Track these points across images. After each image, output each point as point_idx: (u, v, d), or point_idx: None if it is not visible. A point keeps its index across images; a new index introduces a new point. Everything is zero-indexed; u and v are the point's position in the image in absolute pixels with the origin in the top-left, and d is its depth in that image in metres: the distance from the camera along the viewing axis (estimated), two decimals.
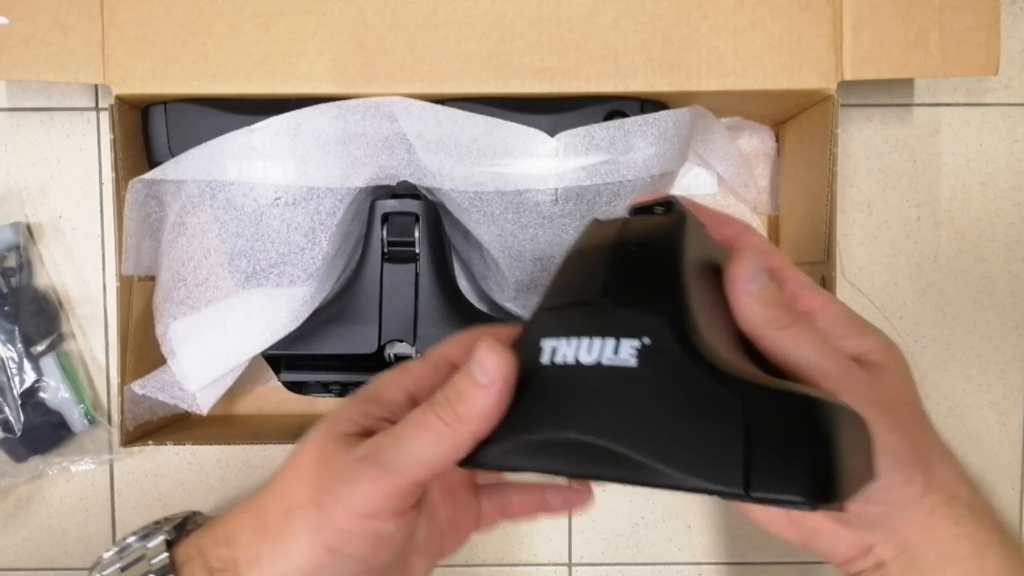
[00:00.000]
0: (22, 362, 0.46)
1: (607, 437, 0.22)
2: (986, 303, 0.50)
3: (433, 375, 0.27)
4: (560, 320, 0.25)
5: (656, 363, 0.22)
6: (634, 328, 0.23)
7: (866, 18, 0.39)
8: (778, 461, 0.20)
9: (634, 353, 0.23)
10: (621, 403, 0.22)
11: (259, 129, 0.39)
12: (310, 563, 0.24)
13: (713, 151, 0.46)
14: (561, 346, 0.24)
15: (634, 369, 0.23)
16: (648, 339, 0.23)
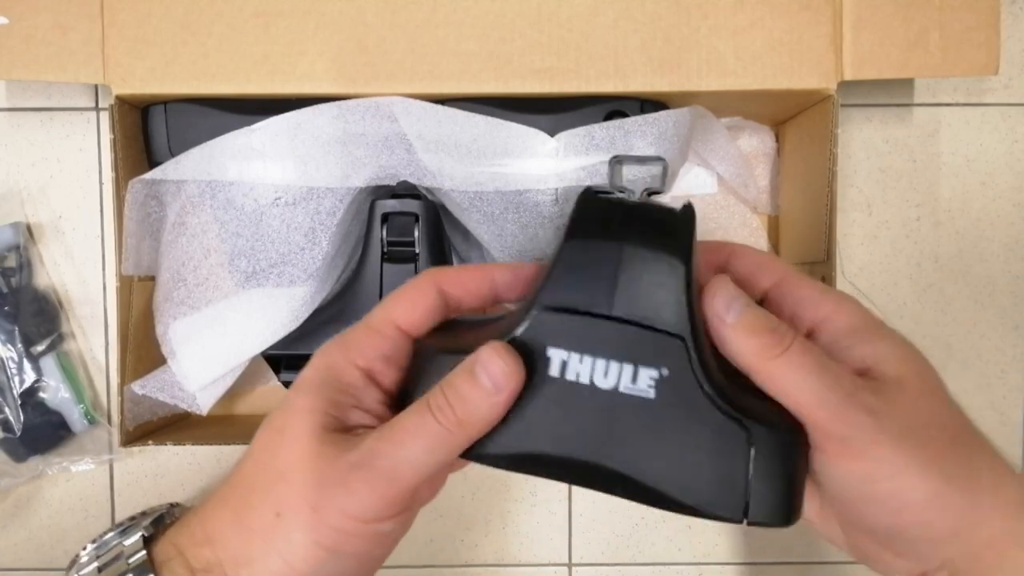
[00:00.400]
0: (22, 362, 0.46)
1: (618, 463, 0.23)
2: (986, 303, 0.50)
3: (381, 344, 0.25)
4: (570, 330, 0.24)
5: (672, 395, 0.23)
6: (652, 355, 0.24)
7: (866, 18, 0.39)
8: (768, 493, 0.23)
9: (652, 384, 0.24)
10: (636, 432, 0.23)
11: (259, 129, 0.39)
12: (308, 563, 0.23)
13: (713, 151, 0.46)
14: (573, 362, 0.24)
15: (651, 400, 0.24)
16: (666, 370, 0.24)
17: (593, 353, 0.24)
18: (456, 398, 0.23)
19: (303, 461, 0.23)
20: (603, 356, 0.24)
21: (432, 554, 0.51)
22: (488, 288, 0.27)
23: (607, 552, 0.51)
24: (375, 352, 0.25)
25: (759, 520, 0.23)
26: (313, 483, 0.23)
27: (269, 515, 0.23)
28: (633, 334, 0.24)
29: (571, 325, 0.24)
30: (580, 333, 0.24)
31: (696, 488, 0.23)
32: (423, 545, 0.51)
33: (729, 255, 0.27)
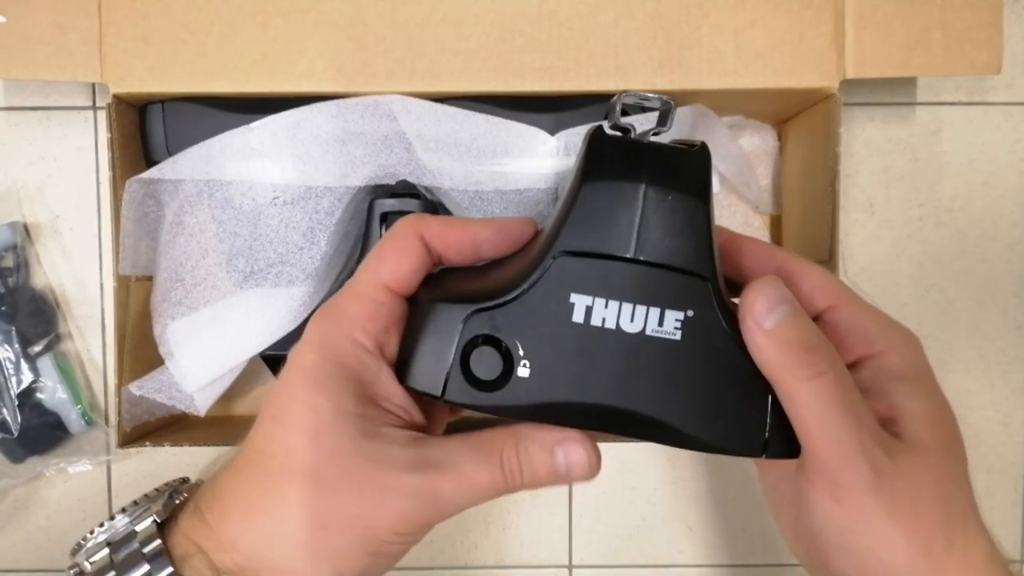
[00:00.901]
0: (19, 362, 0.46)
1: (649, 407, 0.24)
2: (989, 303, 0.50)
3: (378, 314, 0.24)
4: (592, 275, 0.24)
5: (698, 337, 0.24)
6: (678, 297, 0.23)
7: (868, 17, 0.39)
8: (784, 430, 0.24)
9: (679, 326, 0.23)
10: (663, 375, 0.23)
11: (257, 128, 0.39)
12: (356, 570, 0.24)
13: (715, 150, 0.45)
14: (598, 307, 0.24)
15: (678, 342, 0.23)
16: (692, 311, 0.23)
17: (619, 297, 0.23)
18: (529, 472, 0.24)
19: (348, 478, 0.23)
20: (629, 300, 0.23)
21: (432, 556, 0.51)
22: (471, 245, 0.26)
23: (607, 554, 0.51)
24: (375, 325, 0.24)
25: (776, 454, 0.24)
26: (364, 502, 0.23)
27: (312, 527, 0.23)
28: (657, 276, 0.23)
29: (593, 269, 0.24)
30: (603, 277, 0.24)
31: (720, 427, 0.24)
32: (423, 546, 0.50)
33: (778, 266, 0.26)
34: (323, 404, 0.23)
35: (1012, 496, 0.50)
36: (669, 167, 0.24)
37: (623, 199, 0.24)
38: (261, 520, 0.24)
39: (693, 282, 0.23)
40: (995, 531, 0.50)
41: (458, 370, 0.24)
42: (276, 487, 0.23)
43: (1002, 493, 0.50)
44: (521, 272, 0.24)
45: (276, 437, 0.24)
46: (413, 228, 0.25)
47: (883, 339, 0.24)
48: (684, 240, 0.23)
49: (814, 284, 0.25)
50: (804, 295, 0.25)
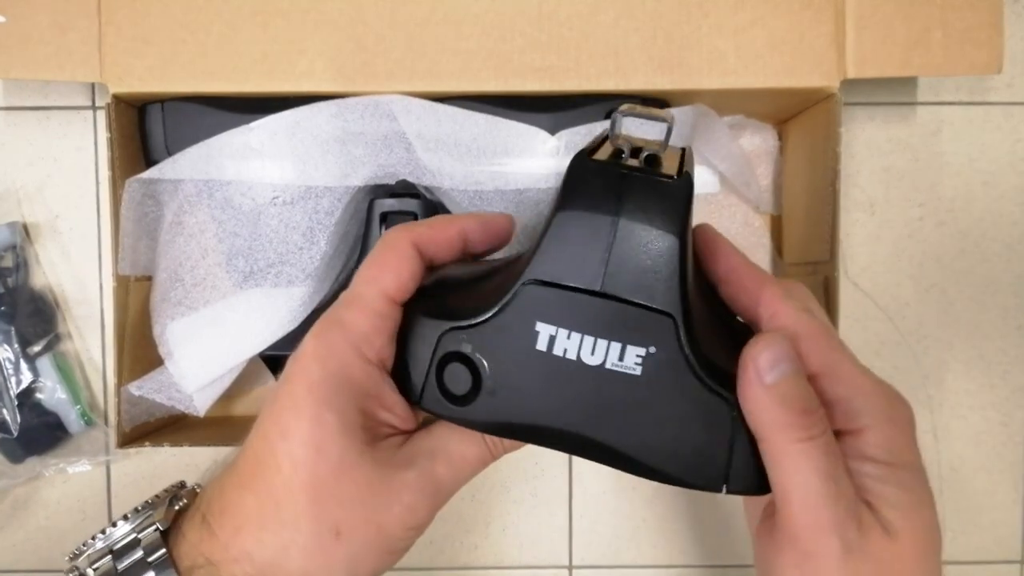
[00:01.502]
0: (18, 363, 0.46)
1: (603, 434, 0.24)
2: (989, 303, 0.50)
3: (384, 326, 0.25)
4: (559, 306, 0.24)
5: (659, 372, 0.24)
6: (640, 334, 0.23)
7: (868, 16, 0.39)
8: (747, 464, 0.24)
9: (639, 361, 0.24)
10: (622, 406, 0.24)
11: (257, 128, 0.39)
12: (372, 570, 0.25)
13: (715, 150, 0.46)
14: (561, 337, 0.24)
15: (637, 376, 0.24)
16: (654, 348, 0.24)
17: (581, 330, 0.24)
18: (510, 443, 0.27)
19: (357, 484, 0.24)
20: (591, 333, 0.24)
21: (432, 556, 0.51)
22: (459, 242, 0.27)
23: (608, 554, 0.51)
24: (380, 338, 0.25)
25: (738, 490, 0.24)
26: (374, 505, 0.24)
27: (325, 535, 0.24)
28: (622, 312, 0.23)
29: (559, 300, 0.24)
30: (568, 309, 0.24)
31: (679, 459, 0.24)
32: (423, 547, 0.51)
33: (771, 315, 0.25)
34: (329, 418, 0.24)
35: (1012, 496, 0.50)
36: (646, 199, 0.24)
37: (595, 231, 0.24)
38: (274, 532, 0.24)
39: (658, 319, 0.23)
40: (995, 531, 0.50)
41: (433, 382, 0.25)
42: (287, 499, 0.24)
43: (1002, 493, 0.50)
44: (495, 294, 0.25)
45: (283, 451, 0.24)
46: (406, 236, 0.26)
47: (867, 415, 0.23)
48: (653, 277, 0.23)
49: (806, 346, 0.24)
50: (822, 362, 0.24)
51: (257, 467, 0.25)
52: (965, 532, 0.50)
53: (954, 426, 0.50)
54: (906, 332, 0.50)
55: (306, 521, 0.24)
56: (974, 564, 0.50)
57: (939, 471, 0.50)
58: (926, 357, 0.50)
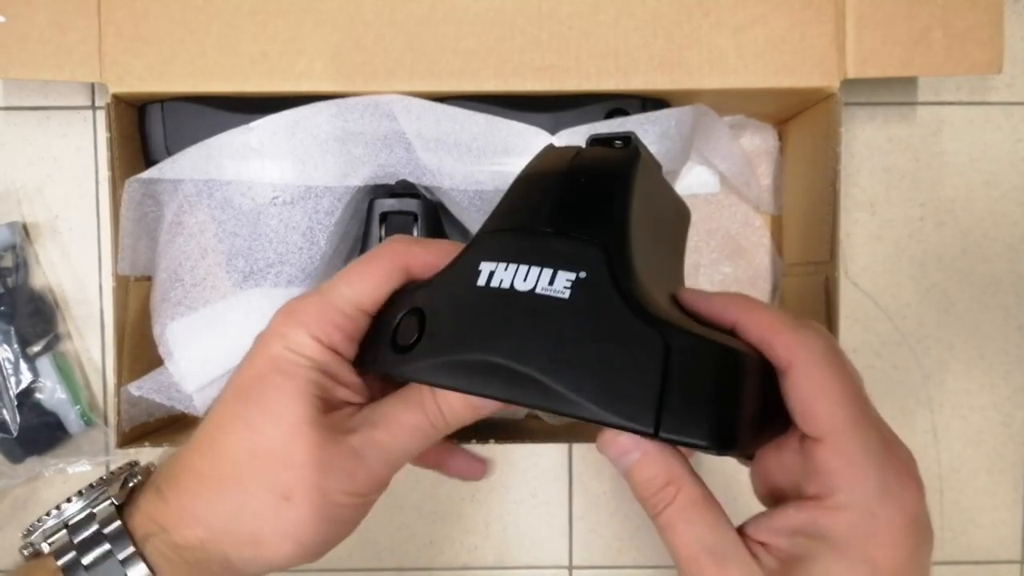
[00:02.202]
0: (18, 363, 0.46)
1: (531, 365, 0.23)
2: (990, 303, 0.50)
3: (346, 326, 0.26)
4: (501, 244, 0.25)
5: (588, 297, 0.23)
6: (572, 260, 0.23)
7: (869, 16, 0.39)
8: (688, 406, 0.21)
9: (569, 285, 0.23)
10: (549, 333, 0.23)
11: (257, 128, 0.38)
12: (316, 537, 0.25)
13: (715, 150, 0.46)
14: (499, 271, 0.24)
15: (566, 301, 0.23)
16: (584, 272, 0.23)
17: (517, 260, 0.24)
18: (448, 410, 0.26)
19: (308, 449, 0.25)
20: (525, 262, 0.24)
21: (432, 556, 0.51)
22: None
23: (608, 555, 0.51)
24: (341, 335, 0.26)
25: (672, 435, 0.21)
26: (321, 469, 0.25)
27: (275, 499, 0.25)
28: (558, 242, 0.24)
29: (503, 240, 0.25)
30: (509, 246, 0.25)
31: (607, 396, 0.22)
32: (423, 547, 0.50)
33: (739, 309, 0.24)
34: (287, 386, 0.25)
35: (1012, 496, 0.50)
36: (594, 158, 0.26)
37: (545, 187, 0.25)
38: (224, 494, 0.25)
39: (591, 248, 0.23)
40: (995, 531, 0.50)
41: (388, 342, 0.26)
42: (240, 462, 0.25)
43: (1002, 493, 0.50)
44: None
45: (240, 415, 0.25)
46: (397, 257, 0.27)
47: (846, 492, 0.22)
48: (590, 213, 0.24)
49: (821, 411, 0.22)
50: (810, 415, 0.23)
51: (215, 432, 0.26)
52: (965, 532, 0.50)
53: (955, 426, 0.50)
54: (906, 332, 0.50)
55: (256, 484, 0.25)
56: (974, 564, 0.50)
57: (939, 471, 0.50)
58: (926, 357, 0.50)
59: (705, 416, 0.21)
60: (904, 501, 0.22)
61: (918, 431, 0.50)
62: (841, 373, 0.23)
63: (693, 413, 0.21)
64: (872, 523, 0.21)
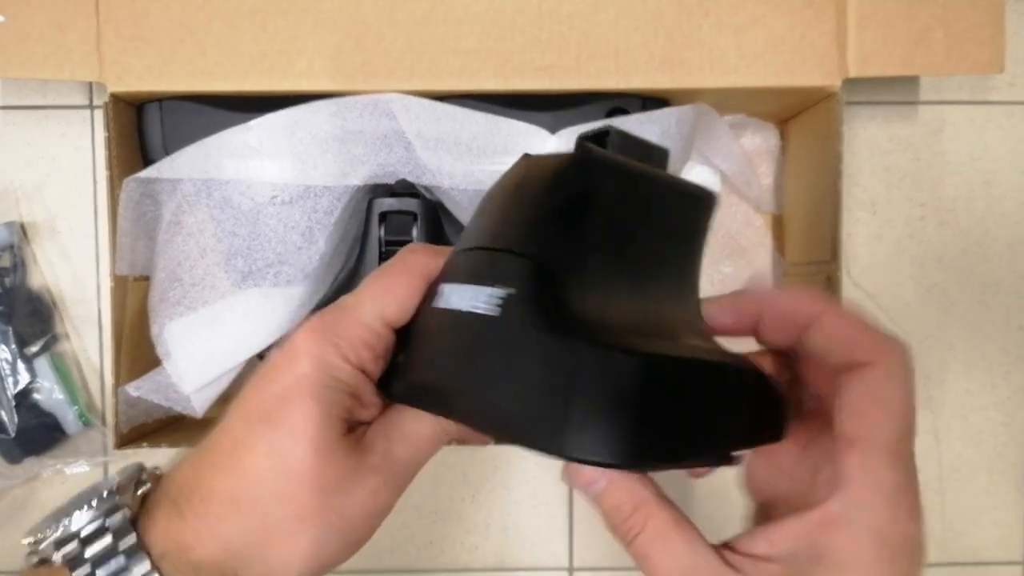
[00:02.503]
0: (16, 363, 0.46)
1: (468, 387, 0.23)
2: (990, 303, 0.50)
3: (376, 344, 0.26)
4: (456, 264, 0.25)
5: (514, 314, 0.22)
6: (504, 277, 0.23)
7: (870, 15, 0.39)
8: (591, 423, 0.20)
9: (499, 303, 0.22)
10: (480, 353, 0.22)
11: (256, 127, 0.38)
12: (333, 556, 0.25)
13: (716, 149, 0.46)
14: (447, 290, 0.24)
15: (495, 319, 0.22)
16: (513, 289, 0.22)
17: (460, 280, 0.24)
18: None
19: (326, 469, 0.24)
20: (466, 281, 0.24)
21: (432, 557, 0.51)
22: None
23: (608, 556, 0.50)
24: (370, 353, 0.26)
25: (577, 455, 0.20)
26: (346, 493, 0.25)
27: (291, 520, 0.24)
28: (497, 259, 0.23)
29: (460, 260, 0.25)
30: (461, 266, 0.25)
31: (522, 418, 0.21)
32: (423, 548, 0.50)
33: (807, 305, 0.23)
34: (315, 410, 0.24)
35: (1013, 496, 0.50)
36: (536, 168, 0.25)
37: (494, 200, 0.26)
38: (246, 515, 0.24)
39: (521, 262, 0.23)
40: (995, 531, 0.50)
41: (391, 362, 0.26)
42: (263, 485, 0.24)
43: (1003, 493, 0.50)
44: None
45: (263, 435, 0.25)
46: (420, 269, 0.26)
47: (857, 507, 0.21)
48: (524, 227, 0.24)
49: (875, 417, 0.22)
50: (862, 416, 0.22)
51: (234, 449, 0.25)
52: (965, 532, 0.50)
53: (955, 426, 0.50)
54: (907, 332, 0.50)
55: (281, 507, 0.24)
56: (974, 564, 0.50)
57: (940, 471, 0.50)
58: (927, 357, 0.50)
59: (607, 433, 0.20)
60: (910, 533, 0.21)
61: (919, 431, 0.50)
62: (909, 393, 0.22)
63: (596, 430, 0.20)
64: (877, 548, 0.21)
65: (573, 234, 0.23)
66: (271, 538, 0.24)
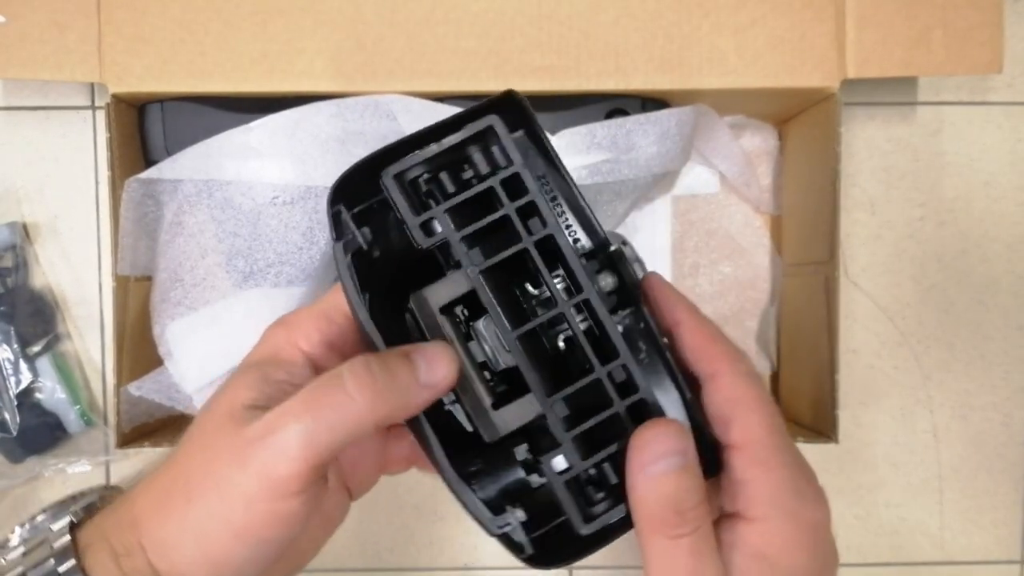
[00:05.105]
0: (18, 363, 0.46)
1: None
2: (989, 303, 0.50)
3: (328, 329, 0.24)
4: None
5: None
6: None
7: (869, 16, 0.39)
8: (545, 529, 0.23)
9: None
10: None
11: (257, 127, 0.38)
12: (221, 549, 0.22)
13: (716, 150, 0.46)
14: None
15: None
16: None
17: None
18: (383, 374, 0.21)
19: (211, 437, 0.22)
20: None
21: (432, 557, 0.51)
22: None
23: (608, 555, 0.50)
24: (320, 336, 0.24)
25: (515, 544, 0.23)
26: (216, 460, 0.22)
27: (181, 497, 0.22)
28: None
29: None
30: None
31: (468, 488, 0.23)
32: (423, 548, 0.50)
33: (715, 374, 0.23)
34: (231, 382, 0.23)
35: (1013, 496, 0.50)
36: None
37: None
38: (155, 494, 0.23)
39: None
40: (995, 531, 0.50)
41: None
42: (175, 463, 0.23)
43: (1003, 493, 0.50)
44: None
45: (196, 426, 0.24)
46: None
47: (766, 506, 0.22)
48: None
49: (742, 416, 0.23)
50: (730, 421, 0.23)
51: (178, 448, 0.24)
52: (965, 532, 0.50)
53: (955, 426, 0.50)
54: (906, 332, 0.50)
55: (175, 482, 0.23)
56: (974, 564, 0.50)
57: (939, 471, 0.50)
58: (926, 357, 0.50)
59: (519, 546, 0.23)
60: (815, 506, 0.22)
61: (918, 431, 0.50)
62: (761, 391, 0.23)
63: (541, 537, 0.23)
64: (789, 526, 0.22)
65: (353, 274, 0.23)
66: (168, 520, 0.22)
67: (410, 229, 0.22)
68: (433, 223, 0.22)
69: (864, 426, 0.50)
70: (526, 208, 0.22)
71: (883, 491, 0.50)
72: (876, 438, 0.50)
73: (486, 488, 0.23)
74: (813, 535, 0.22)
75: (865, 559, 0.50)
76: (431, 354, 0.22)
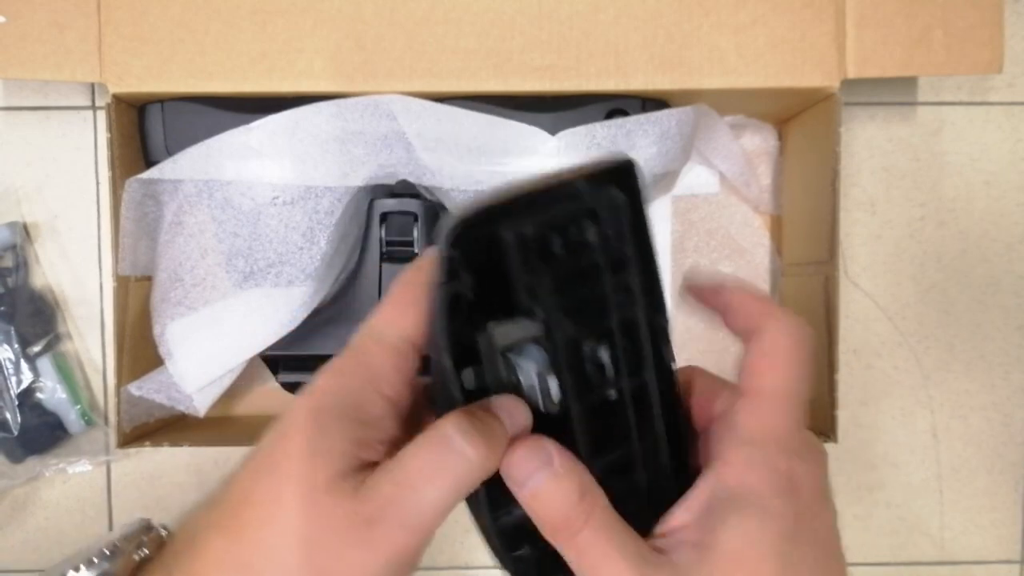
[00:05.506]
0: (18, 363, 0.46)
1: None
2: (990, 303, 0.50)
3: (404, 366, 0.23)
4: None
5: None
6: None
7: (869, 16, 0.39)
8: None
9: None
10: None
11: (257, 128, 0.38)
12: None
13: (716, 150, 0.46)
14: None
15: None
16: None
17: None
18: (487, 429, 0.21)
19: (306, 512, 0.20)
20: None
21: (431, 556, 0.51)
22: None
23: None
24: (402, 379, 0.23)
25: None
26: (319, 539, 0.20)
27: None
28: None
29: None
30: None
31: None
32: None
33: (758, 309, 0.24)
34: (321, 447, 0.21)
35: (1012, 496, 0.50)
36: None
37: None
38: (231, 568, 0.21)
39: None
40: (995, 531, 0.50)
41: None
42: (252, 537, 0.21)
43: (1003, 493, 0.50)
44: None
45: (262, 478, 0.22)
46: (422, 281, 0.23)
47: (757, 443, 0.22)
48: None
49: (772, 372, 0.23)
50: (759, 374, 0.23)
51: (235, 504, 0.22)
52: (965, 532, 0.50)
53: (955, 426, 0.50)
54: (906, 332, 0.50)
55: (250, 555, 0.21)
56: (974, 564, 0.50)
57: (939, 471, 0.50)
58: (926, 357, 0.50)
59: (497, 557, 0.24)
60: (797, 472, 0.22)
61: (918, 431, 0.50)
62: (796, 356, 0.23)
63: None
64: (771, 480, 0.22)
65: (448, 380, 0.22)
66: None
67: (517, 291, 0.22)
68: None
69: (864, 426, 0.50)
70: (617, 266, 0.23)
71: (883, 491, 0.50)
72: (876, 438, 0.50)
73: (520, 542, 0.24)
74: (786, 485, 0.22)
75: (865, 559, 0.51)
76: (508, 405, 0.22)
